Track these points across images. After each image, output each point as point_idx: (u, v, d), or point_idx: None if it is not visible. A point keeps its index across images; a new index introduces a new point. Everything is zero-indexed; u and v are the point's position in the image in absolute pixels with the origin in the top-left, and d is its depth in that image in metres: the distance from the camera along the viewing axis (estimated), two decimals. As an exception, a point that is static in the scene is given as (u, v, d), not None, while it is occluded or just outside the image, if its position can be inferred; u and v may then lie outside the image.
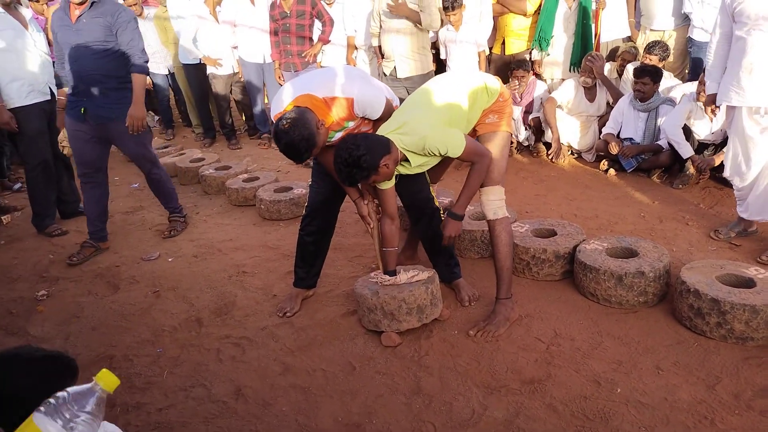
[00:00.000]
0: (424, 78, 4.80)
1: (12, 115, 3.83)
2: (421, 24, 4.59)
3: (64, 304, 3.20)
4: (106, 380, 1.21)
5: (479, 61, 5.06)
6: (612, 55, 5.49)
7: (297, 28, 5.28)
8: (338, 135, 2.59)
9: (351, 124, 2.60)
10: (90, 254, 3.78)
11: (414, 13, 4.55)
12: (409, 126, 2.45)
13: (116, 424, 2.20)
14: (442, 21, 5.01)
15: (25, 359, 1.37)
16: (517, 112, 5.20)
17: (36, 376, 1.35)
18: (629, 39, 5.60)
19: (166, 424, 2.26)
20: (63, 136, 4.06)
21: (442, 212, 2.91)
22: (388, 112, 2.63)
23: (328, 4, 5.59)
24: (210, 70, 6.11)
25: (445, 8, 4.72)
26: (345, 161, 2.33)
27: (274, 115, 2.50)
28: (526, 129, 5.31)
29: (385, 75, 4.90)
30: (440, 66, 5.39)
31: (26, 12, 4.05)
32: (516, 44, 5.42)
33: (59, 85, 4.06)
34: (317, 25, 5.46)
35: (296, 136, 2.31)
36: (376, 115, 2.61)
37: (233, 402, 2.35)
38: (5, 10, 3.83)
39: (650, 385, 2.25)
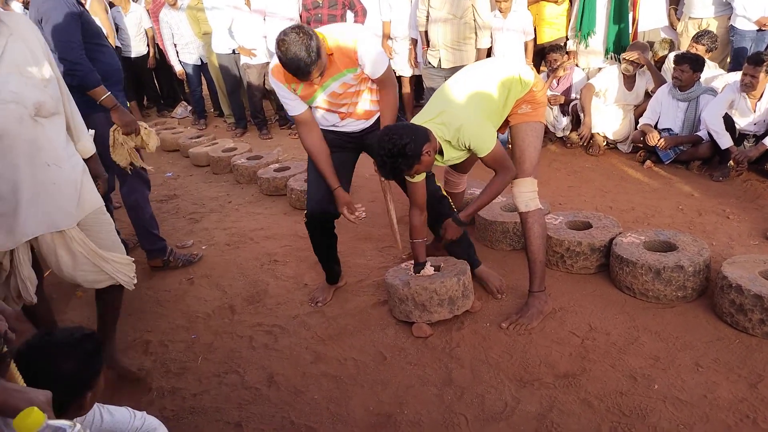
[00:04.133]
0: None
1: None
2: None
3: (102, 290, 3.26)
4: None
5: (526, 50, 4.94)
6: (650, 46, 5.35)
7: (328, 18, 5.26)
8: (334, 85, 2.48)
9: (350, 76, 2.48)
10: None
11: None
12: (447, 115, 2.42)
13: (153, 408, 2.26)
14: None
15: (66, 344, 1.46)
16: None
17: (81, 356, 1.44)
18: (670, 27, 5.45)
19: (200, 409, 2.29)
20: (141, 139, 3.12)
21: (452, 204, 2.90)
22: (390, 76, 2.59)
23: None
24: (244, 60, 6.15)
25: None
26: (390, 152, 2.25)
27: None
28: (565, 116, 5.20)
29: (430, 64, 4.85)
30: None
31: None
32: (548, 32, 5.31)
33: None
34: (351, 15, 5.43)
35: (300, 42, 2.20)
36: (378, 73, 2.51)
37: (266, 389, 2.37)
38: None
39: (689, 382, 2.19)
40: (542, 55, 5.47)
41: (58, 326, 1.65)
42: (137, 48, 7.24)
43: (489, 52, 4.95)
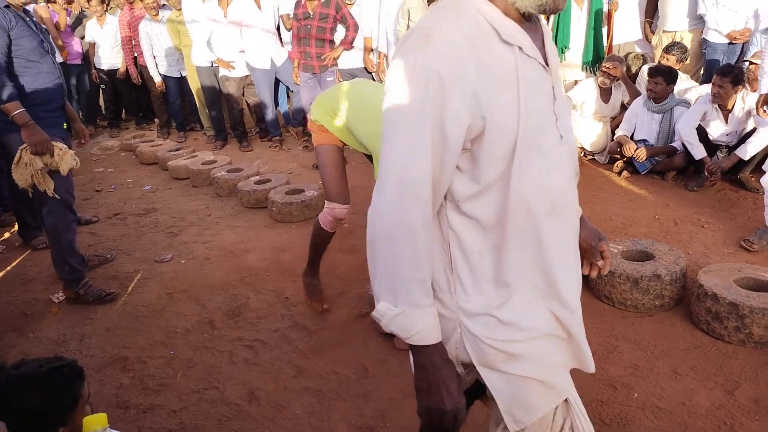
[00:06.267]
0: None
1: None
2: None
3: (78, 306, 3.20)
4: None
5: None
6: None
7: (317, 30, 5.26)
8: None
9: None
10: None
11: None
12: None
13: (131, 426, 2.22)
14: None
15: (32, 379, 1.40)
16: None
17: (48, 391, 1.38)
18: (645, 40, 5.57)
19: (180, 426, 2.26)
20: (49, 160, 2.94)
21: None
22: None
23: (348, 4, 5.57)
24: (223, 72, 6.13)
25: None
26: None
27: None
28: None
29: None
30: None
31: None
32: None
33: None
34: (341, 29, 5.44)
35: None
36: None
37: (246, 404, 2.34)
38: None
39: (667, 389, 2.22)
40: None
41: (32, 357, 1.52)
42: (111, 60, 7.24)
43: None
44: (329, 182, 2.71)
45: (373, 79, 5.83)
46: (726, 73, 4.06)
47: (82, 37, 7.27)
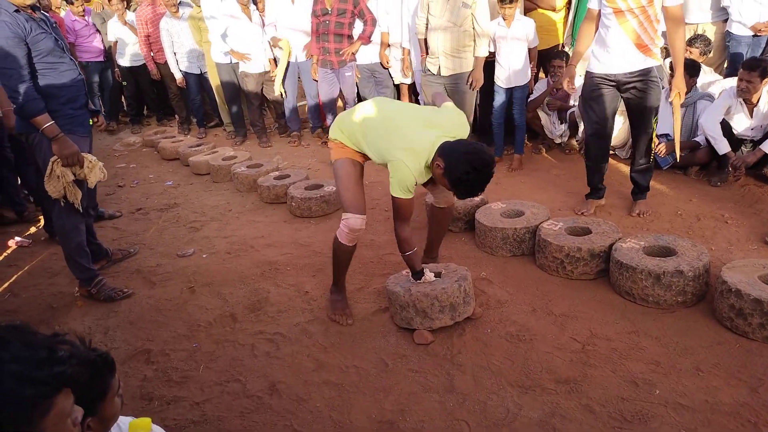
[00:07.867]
0: (463, 76, 4.76)
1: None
2: None
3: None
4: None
5: (530, 58, 4.95)
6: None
7: (336, 26, 5.29)
8: None
9: None
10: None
11: None
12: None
13: (155, 417, 2.26)
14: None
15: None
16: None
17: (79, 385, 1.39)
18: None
19: (203, 418, 2.29)
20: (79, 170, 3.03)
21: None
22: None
23: None
24: (242, 68, 6.17)
25: (501, 0, 4.63)
26: (490, 166, 2.41)
27: None
28: (562, 123, 5.23)
29: (429, 72, 4.85)
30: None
31: None
32: (545, 39, 5.35)
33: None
34: (360, 24, 5.45)
35: None
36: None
37: (268, 397, 2.37)
38: None
39: (690, 386, 2.20)
40: (539, 60, 5.49)
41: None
42: (134, 57, 7.30)
43: (492, 61, 4.95)
44: (344, 192, 2.78)
45: (390, 75, 5.82)
46: (754, 67, 3.98)
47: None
